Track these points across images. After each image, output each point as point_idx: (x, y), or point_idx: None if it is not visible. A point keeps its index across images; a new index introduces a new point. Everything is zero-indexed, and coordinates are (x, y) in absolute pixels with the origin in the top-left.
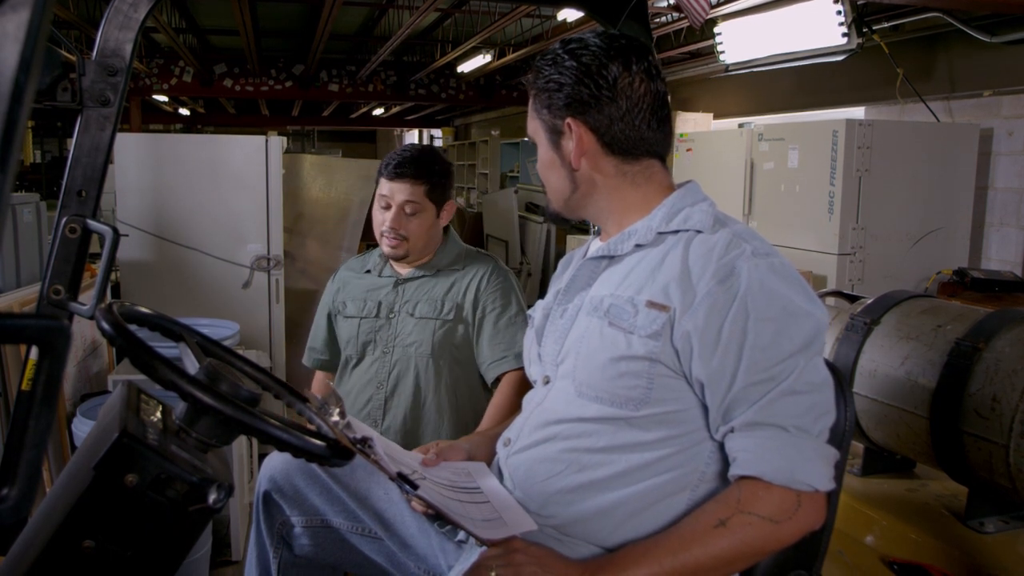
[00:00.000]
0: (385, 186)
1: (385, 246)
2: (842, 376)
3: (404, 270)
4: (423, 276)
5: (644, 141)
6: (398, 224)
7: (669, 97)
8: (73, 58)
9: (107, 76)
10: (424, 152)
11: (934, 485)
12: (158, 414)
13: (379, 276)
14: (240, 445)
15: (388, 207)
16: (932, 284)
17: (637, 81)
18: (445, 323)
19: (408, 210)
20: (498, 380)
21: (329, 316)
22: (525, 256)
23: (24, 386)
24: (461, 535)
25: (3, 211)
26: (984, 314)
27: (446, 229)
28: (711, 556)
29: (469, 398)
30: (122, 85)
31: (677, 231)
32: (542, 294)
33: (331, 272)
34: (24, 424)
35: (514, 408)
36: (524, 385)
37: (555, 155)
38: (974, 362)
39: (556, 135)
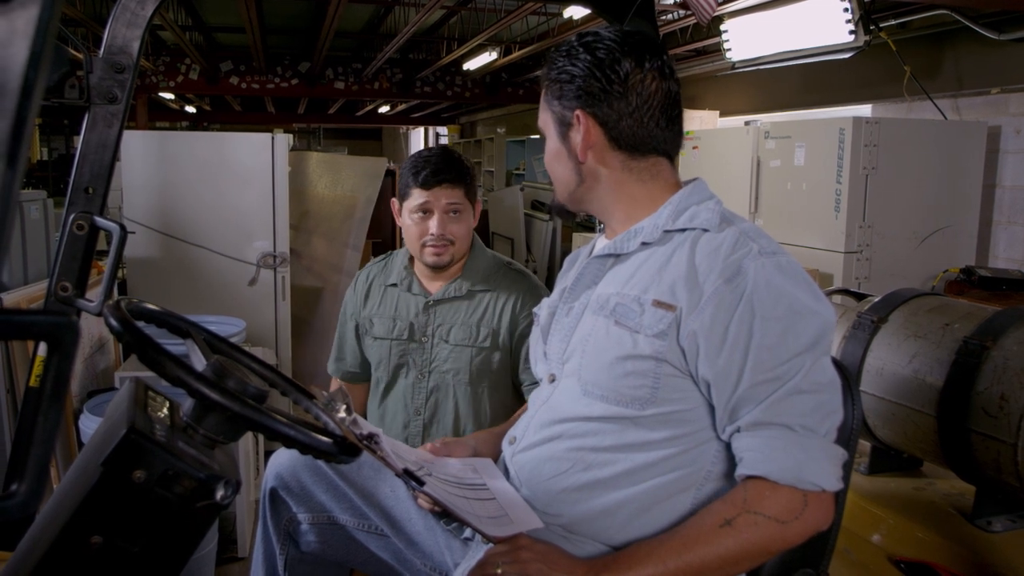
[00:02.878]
0: (421, 195)
1: (429, 256)
2: (849, 374)
3: (435, 287)
4: (455, 298)
5: (652, 138)
6: (444, 229)
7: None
8: (80, 55)
9: (114, 73)
10: (450, 154)
11: (941, 484)
12: (165, 410)
13: (408, 292)
14: (246, 442)
15: (428, 213)
16: (939, 282)
17: (649, 78)
18: (481, 350)
19: (453, 212)
20: None
21: (356, 330)
22: (531, 254)
23: (32, 383)
24: (467, 532)
25: (12, 208)
26: (992, 312)
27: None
28: (717, 556)
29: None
30: (129, 82)
31: (684, 229)
32: (548, 291)
33: (337, 269)
34: (33, 421)
35: None
36: None
37: (563, 146)
38: (982, 360)
39: (565, 127)
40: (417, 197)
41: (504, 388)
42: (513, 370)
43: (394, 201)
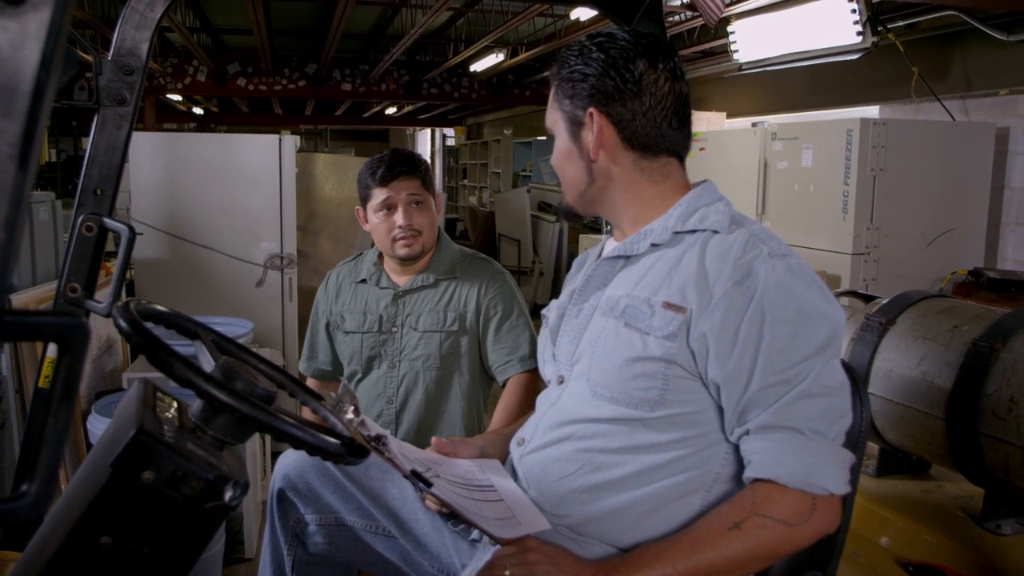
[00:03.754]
0: (382, 192)
1: (400, 248)
2: (857, 376)
3: (402, 280)
4: (422, 288)
5: (664, 139)
6: (411, 219)
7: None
8: (89, 57)
9: (123, 75)
10: (402, 151)
11: (950, 486)
12: (174, 412)
13: (376, 286)
14: (253, 443)
15: (392, 208)
16: (947, 284)
17: (662, 79)
18: (450, 335)
19: (416, 204)
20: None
21: (328, 327)
22: (537, 255)
23: (41, 383)
24: (475, 534)
25: (23, 209)
26: (1001, 314)
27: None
28: (725, 558)
29: (479, 406)
30: (138, 84)
31: (694, 231)
32: (555, 293)
33: None
34: (43, 421)
35: (522, 409)
36: (530, 387)
37: (573, 146)
38: (991, 363)
39: (576, 126)
40: (379, 195)
41: (472, 372)
42: (482, 353)
43: (358, 209)
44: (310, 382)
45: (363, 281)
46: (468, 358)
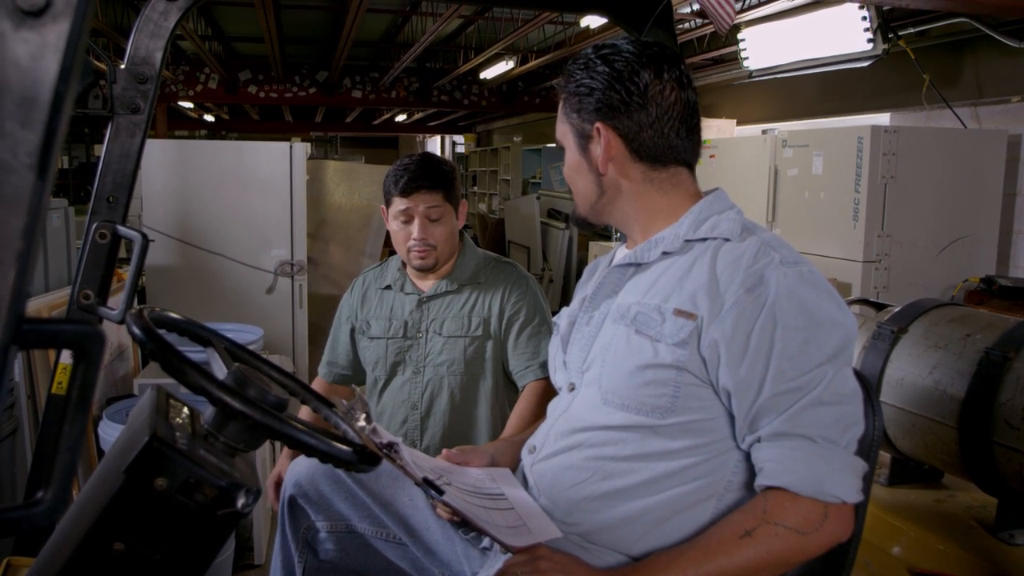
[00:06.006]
0: (401, 202)
1: (415, 259)
2: (870, 385)
3: (426, 285)
4: (446, 293)
5: (672, 149)
6: (425, 234)
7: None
8: (104, 66)
9: (137, 84)
10: (429, 160)
11: (962, 496)
12: (186, 418)
13: (401, 292)
14: (263, 450)
15: (410, 219)
16: (959, 292)
17: (668, 89)
18: (474, 340)
19: (433, 216)
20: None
21: (352, 332)
22: (547, 262)
23: (54, 390)
24: (486, 542)
25: (42, 217)
26: (1014, 323)
27: (461, 236)
28: (736, 566)
29: (505, 412)
30: (152, 93)
31: (705, 239)
32: (564, 300)
33: (354, 277)
34: (58, 428)
35: (537, 416)
36: (547, 394)
37: (582, 159)
38: (1004, 372)
39: (584, 139)
40: (398, 204)
41: (497, 378)
42: (504, 358)
43: (383, 207)
44: (321, 380)
45: (388, 287)
46: (493, 363)
